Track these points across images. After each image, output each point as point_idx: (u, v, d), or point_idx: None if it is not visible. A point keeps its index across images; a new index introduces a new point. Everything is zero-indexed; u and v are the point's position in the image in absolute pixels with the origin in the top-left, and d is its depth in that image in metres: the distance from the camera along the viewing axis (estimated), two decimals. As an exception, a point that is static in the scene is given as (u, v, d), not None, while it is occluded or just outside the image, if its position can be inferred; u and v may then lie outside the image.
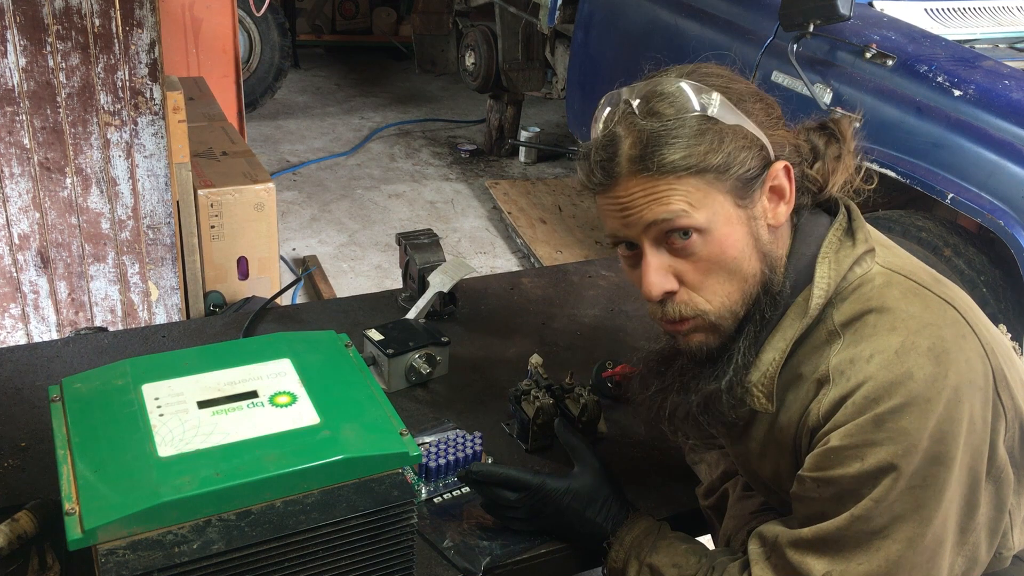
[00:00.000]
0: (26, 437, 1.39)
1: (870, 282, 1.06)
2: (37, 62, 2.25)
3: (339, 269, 4.08)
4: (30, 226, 2.41)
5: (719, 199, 1.03)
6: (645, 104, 1.04)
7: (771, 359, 1.08)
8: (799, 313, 1.07)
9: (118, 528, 0.95)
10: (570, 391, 1.48)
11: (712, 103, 1.03)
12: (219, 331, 1.73)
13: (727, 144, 1.02)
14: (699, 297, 1.07)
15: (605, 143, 1.05)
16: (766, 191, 1.07)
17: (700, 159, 1.01)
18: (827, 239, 1.09)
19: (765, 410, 1.10)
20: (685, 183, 1.02)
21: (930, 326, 1.01)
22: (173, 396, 1.14)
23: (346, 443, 1.08)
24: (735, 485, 1.31)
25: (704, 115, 1.02)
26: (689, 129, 1.02)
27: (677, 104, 1.03)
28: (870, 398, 0.98)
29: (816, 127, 1.15)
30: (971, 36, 2.93)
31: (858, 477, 0.98)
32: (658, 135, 1.02)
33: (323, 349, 1.27)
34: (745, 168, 1.03)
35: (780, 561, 1.05)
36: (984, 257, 2.44)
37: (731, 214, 1.04)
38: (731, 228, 1.04)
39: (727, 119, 1.03)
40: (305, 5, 7.03)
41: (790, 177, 1.07)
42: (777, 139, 1.08)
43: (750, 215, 1.06)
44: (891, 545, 0.98)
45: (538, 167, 5.48)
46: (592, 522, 1.24)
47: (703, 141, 1.02)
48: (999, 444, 1.03)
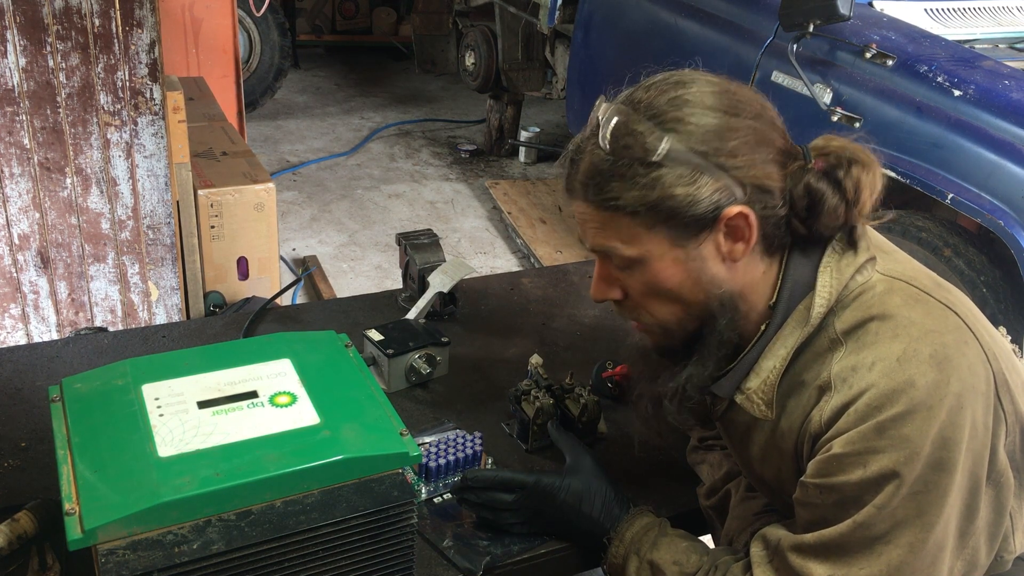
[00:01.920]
0: (26, 437, 1.39)
1: (871, 289, 1.06)
2: (37, 62, 2.25)
3: (339, 269, 4.08)
4: (30, 226, 2.41)
5: (654, 239, 1.05)
6: (609, 128, 1.04)
7: (771, 367, 1.08)
8: (800, 321, 1.07)
9: (118, 528, 0.95)
10: (570, 391, 1.48)
11: (660, 150, 1.01)
12: (219, 331, 1.73)
13: (668, 190, 1.01)
14: (642, 310, 1.13)
15: (572, 156, 1.10)
16: (720, 230, 1.04)
17: (636, 202, 1.03)
18: (828, 248, 1.08)
19: (765, 417, 1.10)
20: (620, 219, 1.05)
21: (932, 333, 1.01)
22: (173, 396, 1.14)
23: (346, 443, 1.08)
24: (738, 486, 1.31)
25: (649, 161, 1.02)
26: (631, 171, 1.03)
27: (631, 140, 1.03)
28: (872, 405, 0.98)
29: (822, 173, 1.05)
30: (971, 36, 2.93)
31: (860, 484, 0.98)
32: (605, 171, 1.04)
33: (323, 349, 1.27)
34: (686, 214, 1.02)
35: (782, 565, 1.05)
36: (984, 257, 2.44)
37: (666, 253, 1.06)
38: (664, 264, 1.07)
39: (676, 163, 1.01)
40: (305, 5, 7.03)
41: (748, 223, 1.03)
42: (752, 178, 1.03)
43: (690, 255, 1.06)
44: (893, 550, 0.98)
45: (538, 167, 5.48)
46: (590, 518, 1.24)
47: (639, 186, 1.02)
48: (999, 448, 1.03)
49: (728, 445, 1.25)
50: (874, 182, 1.07)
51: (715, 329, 1.09)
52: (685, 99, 1.04)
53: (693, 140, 1.02)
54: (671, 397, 1.16)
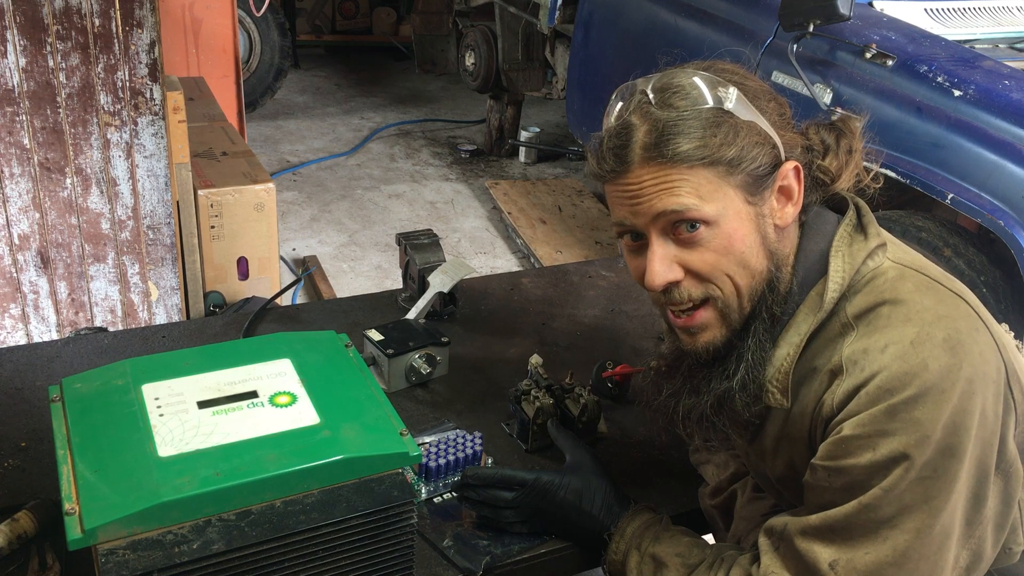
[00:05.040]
0: (26, 437, 1.39)
1: (883, 275, 1.06)
2: (37, 62, 2.25)
3: (339, 269, 4.08)
4: (30, 226, 2.41)
5: (729, 193, 1.03)
6: (660, 95, 1.04)
7: (785, 354, 1.08)
8: (812, 307, 1.07)
9: (118, 528, 0.95)
10: (570, 391, 1.48)
11: (728, 97, 1.03)
12: (219, 331, 1.73)
13: (741, 139, 1.02)
14: (706, 284, 1.07)
15: (619, 130, 1.05)
16: (775, 190, 1.07)
17: (713, 151, 1.01)
18: (838, 234, 1.09)
19: (780, 405, 1.09)
20: (697, 174, 1.02)
21: (945, 318, 1.01)
22: (173, 396, 1.14)
23: (346, 443, 1.08)
24: (744, 487, 1.31)
25: (720, 108, 1.03)
26: (704, 121, 1.02)
27: (692, 96, 1.03)
28: (884, 388, 0.98)
29: (825, 124, 1.15)
30: (971, 36, 2.93)
31: (869, 466, 0.98)
32: (673, 124, 1.02)
33: (323, 349, 1.27)
34: (757, 164, 1.03)
35: (788, 550, 1.05)
36: (984, 257, 2.44)
37: (740, 209, 1.04)
38: (739, 223, 1.04)
39: (742, 114, 1.03)
40: (305, 5, 7.03)
41: (799, 178, 1.08)
42: (788, 140, 1.08)
43: (759, 212, 1.06)
44: (899, 535, 0.98)
45: (538, 167, 5.48)
46: (590, 515, 1.24)
47: (718, 133, 1.02)
48: (1009, 438, 1.03)
49: (739, 442, 1.24)
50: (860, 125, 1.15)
51: (766, 305, 1.08)
52: (722, 68, 1.08)
53: (750, 96, 1.05)
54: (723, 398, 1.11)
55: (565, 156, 5.53)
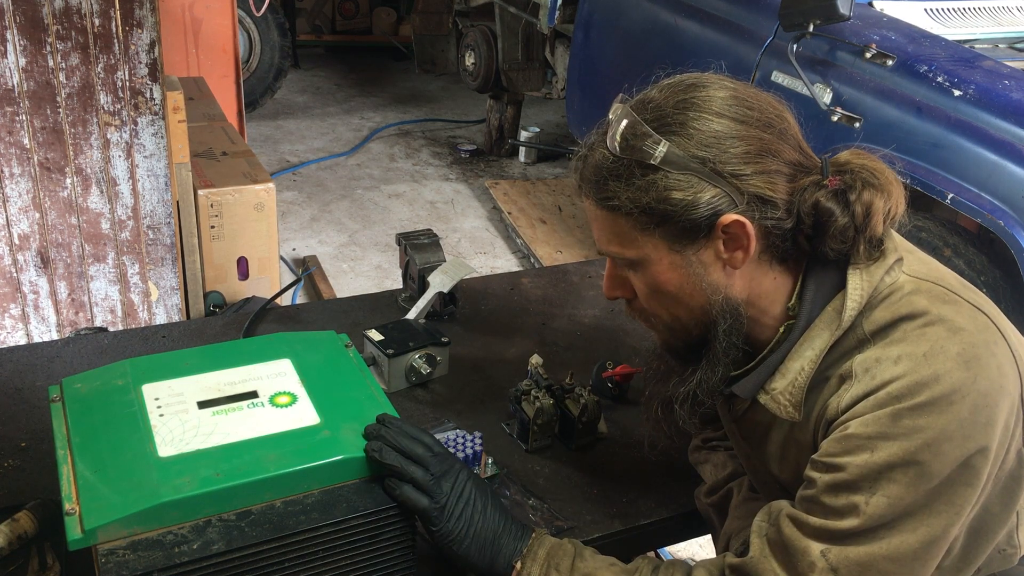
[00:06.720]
0: (26, 437, 1.39)
1: (899, 290, 1.05)
2: (37, 62, 2.25)
3: (339, 269, 4.08)
4: (30, 226, 2.41)
5: (650, 242, 1.06)
6: (614, 128, 1.05)
7: (799, 368, 1.07)
8: (829, 323, 1.06)
9: (118, 528, 0.95)
10: (570, 391, 1.48)
11: (658, 154, 1.02)
12: (219, 331, 1.73)
13: (663, 193, 1.02)
14: (648, 312, 1.14)
15: (585, 154, 1.10)
16: (719, 237, 1.04)
17: (631, 203, 1.04)
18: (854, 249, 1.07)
19: (792, 419, 1.09)
20: (617, 221, 1.07)
21: (961, 332, 1.01)
22: (173, 396, 1.14)
23: (346, 443, 1.08)
24: (740, 486, 1.31)
25: (645, 163, 1.03)
26: (629, 172, 1.03)
27: (634, 142, 1.03)
28: (893, 395, 0.98)
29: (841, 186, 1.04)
30: (971, 36, 2.93)
31: (864, 467, 0.98)
32: (606, 171, 1.05)
33: (323, 349, 1.27)
34: (681, 218, 1.03)
35: (777, 535, 1.05)
36: (984, 257, 2.44)
37: (663, 256, 1.07)
38: (662, 268, 1.07)
39: (674, 167, 1.02)
40: (305, 5, 7.03)
41: (746, 231, 1.03)
42: (753, 187, 1.02)
43: (688, 260, 1.06)
44: (895, 536, 0.98)
45: (538, 167, 5.48)
46: (503, 508, 1.14)
47: (635, 188, 1.03)
48: (1013, 448, 1.04)
49: (740, 444, 1.24)
50: (889, 208, 1.05)
51: (717, 334, 1.09)
52: (692, 103, 1.04)
53: (693, 145, 1.02)
54: (682, 401, 1.15)
55: (565, 156, 5.52)
